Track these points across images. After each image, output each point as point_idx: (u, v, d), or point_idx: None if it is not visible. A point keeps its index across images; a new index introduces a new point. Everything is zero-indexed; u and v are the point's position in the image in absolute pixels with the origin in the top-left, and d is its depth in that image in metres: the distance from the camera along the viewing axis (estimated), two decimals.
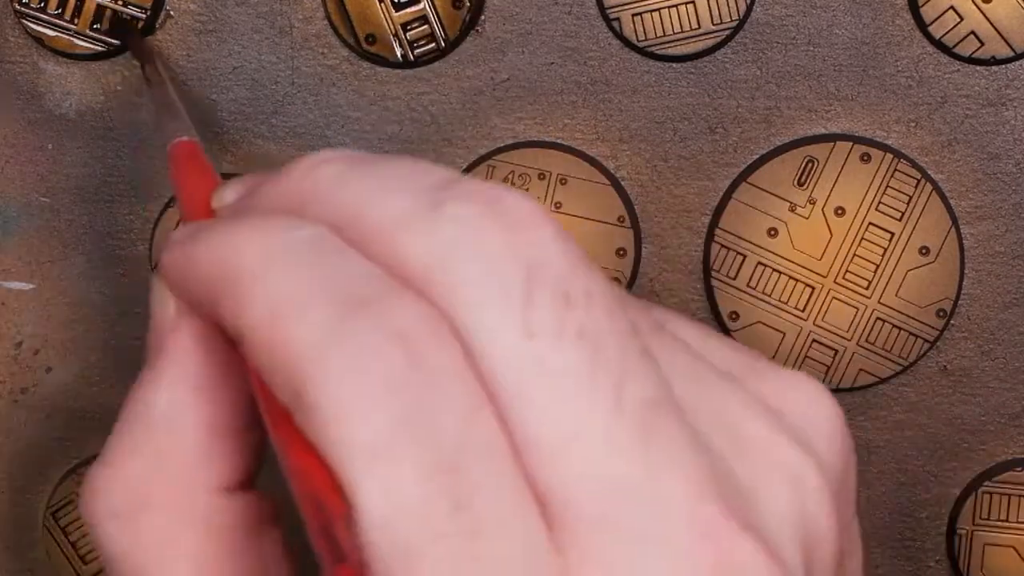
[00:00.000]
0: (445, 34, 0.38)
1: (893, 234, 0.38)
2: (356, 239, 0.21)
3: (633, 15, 0.38)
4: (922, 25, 0.38)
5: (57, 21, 0.39)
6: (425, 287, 0.20)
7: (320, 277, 0.20)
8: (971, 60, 0.38)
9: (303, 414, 0.19)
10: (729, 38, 0.38)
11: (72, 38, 0.39)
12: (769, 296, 0.39)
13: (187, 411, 0.23)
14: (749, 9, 0.38)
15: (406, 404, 0.19)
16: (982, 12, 0.37)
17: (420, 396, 0.19)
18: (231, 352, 0.22)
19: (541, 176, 0.39)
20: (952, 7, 0.37)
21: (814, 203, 0.38)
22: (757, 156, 0.39)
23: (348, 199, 0.21)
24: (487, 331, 0.19)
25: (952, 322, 0.39)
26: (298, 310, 0.20)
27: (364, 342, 0.19)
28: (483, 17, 0.39)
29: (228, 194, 0.25)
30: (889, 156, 0.38)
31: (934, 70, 0.38)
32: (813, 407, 0.22)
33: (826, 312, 0.39)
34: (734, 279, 0.39)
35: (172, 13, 0.39)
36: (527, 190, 0.39)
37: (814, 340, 0.39)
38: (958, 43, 0.38)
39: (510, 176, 0.39)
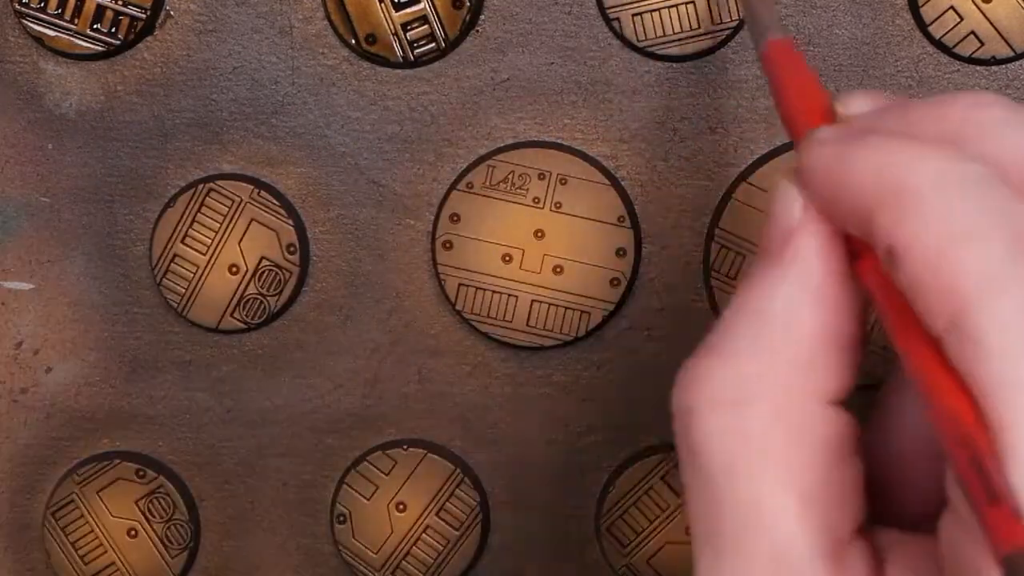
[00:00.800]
0: (445, 34, 0.38)
1: None
2: (1020, 185, 0.21)
3: (633, 15, 0.38)
4: (922, 25, 0.38)
5: (57, 21, 0.39)
6: None
7: (995, 211, 0.20)
8: (971, 60, 0.38)
9: (959, 343, 0.19)
10: (729, 38, 0.38)
11: (72, 38, 0.39)
12: None
13: (805, 314, 0.23)
14: None
15: None
16: (982, 12, 0.37)
17: None
18: (852, 264, 0.22)
19: (541, 176, 0.39)
20: (952, 7, 0.37)
21: None
22: (757, 156, 0.39)
23: (1017, 144, 0.21)
24: None
25: None
26: (976, 240, 0.20)
27: None
28: (483, 17, 0.39)
29: (857, 103, 0.24)
30: None
31: (934, 70, 0.38)
32: None
33: None
34: (734, 279, 0.39)
35: (172, 13, 0.39)
36: (527, 190, 0.39)
37: None
38: (958, 43, 0.38)
39: (510, 176, 0.39)
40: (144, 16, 0.39)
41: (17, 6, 0.39)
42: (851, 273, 0.23)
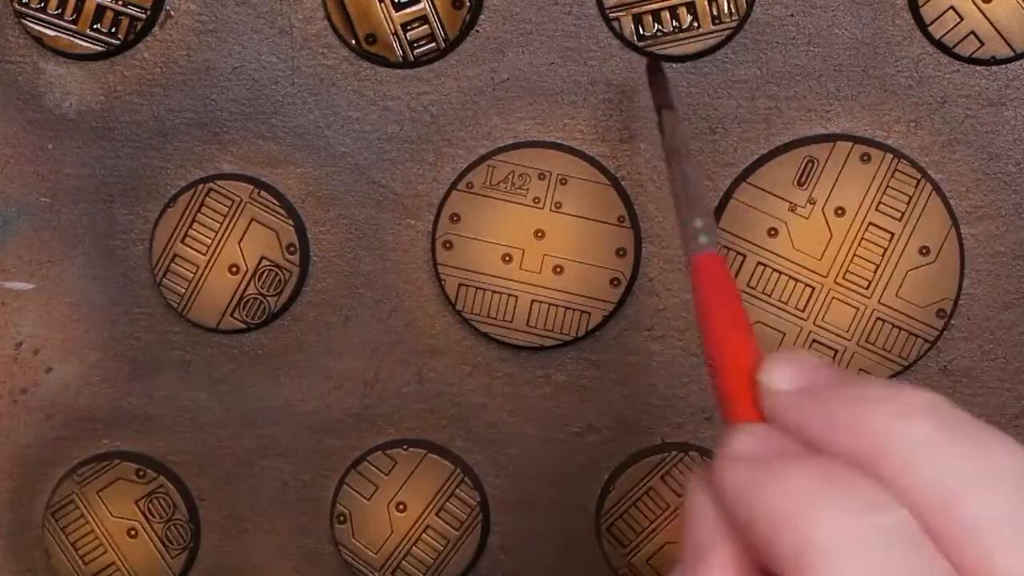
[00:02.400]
0: (445, 34, 0.38)
1: (893, 234, 0.38)
2: (937, 529, 0.20)
3: (633, 15, 0.38)
4: (922, 25, 0.38)
5: (57, 21, 0.39)
6: None
7: None
8: (971, 60, 0.38)
9: None
10: (729, 38, 0.38)
11: (72, 38, 0.39)
12: (769, 296, 0.39)
13: None
14: (749, 9, 0.38)
15: None
16: (982, 12, 0.37)
17: None
18: None
19: (541, 176, 0.39)
20: (952, 7, 0.37)
21: (814, 203, 0.38)
22: (757, 156, 0.39)
23: (940, 483, 0.20)
24: None
25: (952, 322, 0.39)
26: None
27: None
28: (483, 17, 0.39)
29: (780, 380, 0.23)
30: (889, 156, 0.38)
31: (934, 70, 0.38)
32: None
33: (826, 312, 0.39)
34: (734, 279, 0.39)
35: (172, 13, 0.39)
36: (527, 190, 0.39)
37: (814, 340, 0.39)
38: (958, 43, 0.38)
39: (510, 176, 0.39)
40: (144, 16, 0.39)
41: (17, 6, 0.39)
42: None
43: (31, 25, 0.39)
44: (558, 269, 0.39)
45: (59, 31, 0.39)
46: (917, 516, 0.20)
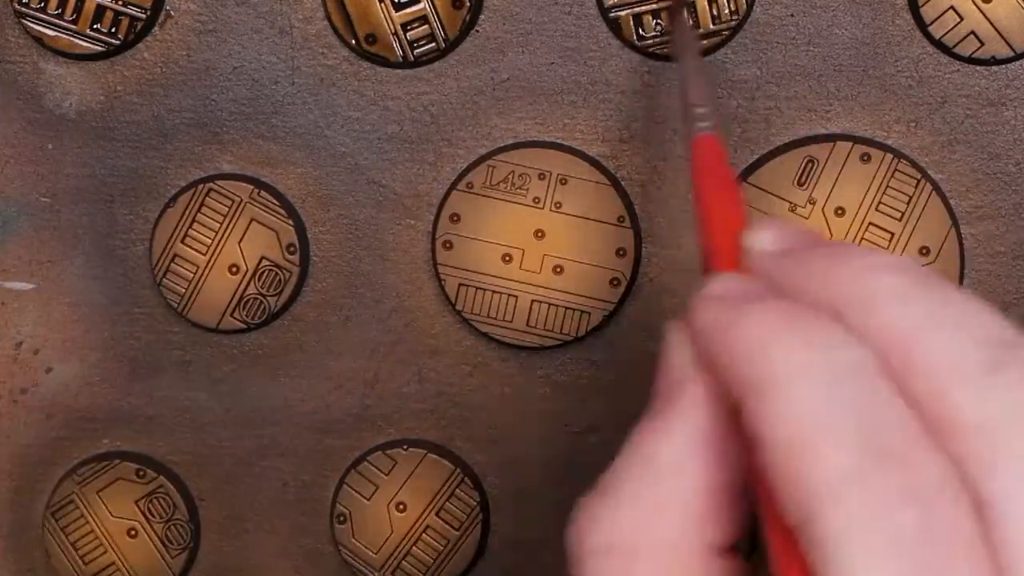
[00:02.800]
0: (445, 34, 0.38)
1: (893, 234, 0.38)
2: (898, 369, 0.21)
3: (633, 15, 0.38)
4: (922, 25, 0.38)
5: (57, 21, 0.39)
6: (959, 447, 0.20)
7: (853, 412, 0.20)
8: (971, 60, 0.38)
9: (807, 541, 0.19)
10: (729, 38, 0.38)
11: (72, 38, 0.39)
12: None
13: (693, 468, 0.23)
14: (749, 9, 0.38)
15: (911, 569, 0.19)
16: (982, 12, 0.37)
17: (927, 563, 0.19)
18: (737, 419, 0.22)
19: (541, 176, 0.39)
20: (952, 7, 0.37)
21: (814, 203, 0.38)
22: (757, 156, 0.39)
23: (903, 324, 0.21)
24: (1018, 515, 0.19)
25: None
26: (823, 446, 0.20)
27: (882, 497, 0.19)
28: (483, 17, 0.39)
29: (763, 240, 0.24)
30: (889, 156, 0.38)
31: (934, 70, 0.38)
32: None
33: None
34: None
35: (172, 13, 0.39)
36: (527, 190, 0.39)
37: None
38: (958, 43, 0.38)
39: (510, 176, 0.39)
40: (144, 16, 0.39)
41: (17, 6, 0.39)
42: (737, 427, 0.23)
43: (31, 25, 0.39)
44: (558, 269, 0.39)
45: (59, 31, 0.39)
46: (878, 358, 0.21)
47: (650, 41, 0.38)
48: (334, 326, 0.40)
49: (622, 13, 0.38)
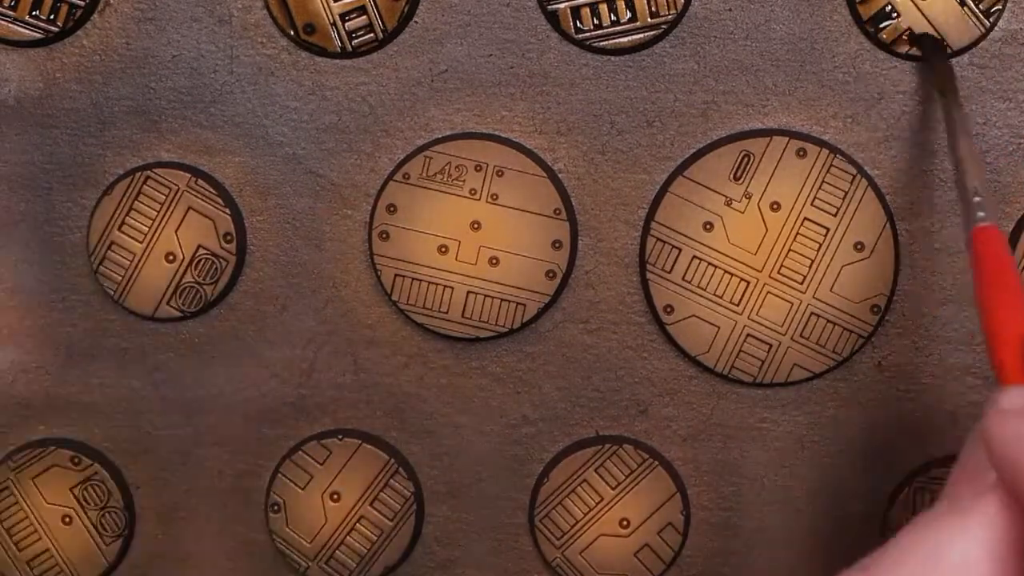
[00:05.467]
0: (383, 24, 0.38)
1: (828, 229, 0.38)
2: None
3: (571, 8, 0.38)
4: (859, 21, 0.38)
5: None
6: None
7: None
8: (908, 57, 0.38)
9: None
10: (667, 32, 0.38)
11: (11, 24, 0.39)
12: (704, 290, 0.39)
13: (977, 571, 0.23)
14: (687, 3, 0.38)
15: None
16: (919, 9, 0.37)
17: None
18: None
19: (478, 167, 0.39)
20: (889, 3, 0.37)
21: (750, 197, 0.38)
22: (694, 150, 0.39)
23: None
24: None
25: (887, 318, 0.39)
26: None
27: None
28: (421, 8, 0.39)
29: None
30: (825, 151, 0.38)
31: (871, 66, 0.38)
32: None
33: (761, 306, 0.39)
34: (669, 272, 0.39)
35: (111, 0, 0.39)
36: (463, 181, 0.39)
37: (749, 334, 0.39)
38: (895, 40, 0.38)
39: (447, 167, 0.39)
40: (83, 3, 0.39)
41: None
42: None
43: None
44: (494, 261, 0.39)
45: None
46: None
47: (588, 34, 0.38)
48: (270, 315, 0.40)
49: (560, 6, 0.38)
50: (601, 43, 0.38)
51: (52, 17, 0.39)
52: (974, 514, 0.23)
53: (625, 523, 0.40)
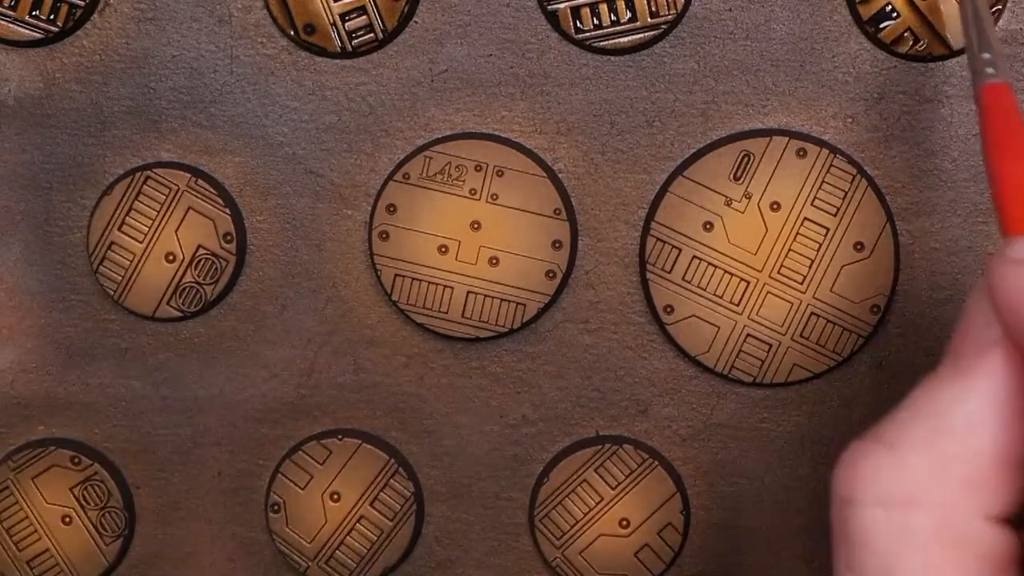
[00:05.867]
0: (383, 24, 0.38)
1: (828, 229, 0.38)
2: None
3: (571, 8, 0.38)
4: (859, 21, 0.38)
5: None
6: None
7: None
8: (908, 57, 0.38)
9: None
10: (667, 32, 0.38)
11: (11, 24, 0.39)
12: (704, 290, 0.39)
13: (988, 431, 0.22)
14: (687, 3, 0.38)
15: None
16: (919, 9, 0.37)
17: None
18: None
19: (478, 168, 0.39)
20: (889, 3, 0.37)
21: (750, 197, 0.38)
22: (694, 150, 0.39)
23: None
24: None
25: (887, 318, 0.39)
26: None
27: None
28: (421, 8, 0.39)
29: None
30: (825, 151, 0.38)
31: (871, 66, 0.38)
32: None
33: (761, 306, 0.39)
34: (669, 272, 0.39)
35: (111, 1, 0.39)
36: (463, 181, 0.39)
37: (749, 334, 0.39)
38: (895, 40, 0.38)
39: (447, 167, 0.39)
40: (83, 3, 0.39)
41: None
42: None
43: None
44: (494, 261, 0.39)
45: None
46: None
47: (588, 34, 0.38)
48: (270, 315, 0.40)
49: (560, 6, 0.38)
50: (601, 43, 0.38)
51: (52, 17, 0.39)
52: (978, 373, 0.23)
53: (625, 523, 0.40)
